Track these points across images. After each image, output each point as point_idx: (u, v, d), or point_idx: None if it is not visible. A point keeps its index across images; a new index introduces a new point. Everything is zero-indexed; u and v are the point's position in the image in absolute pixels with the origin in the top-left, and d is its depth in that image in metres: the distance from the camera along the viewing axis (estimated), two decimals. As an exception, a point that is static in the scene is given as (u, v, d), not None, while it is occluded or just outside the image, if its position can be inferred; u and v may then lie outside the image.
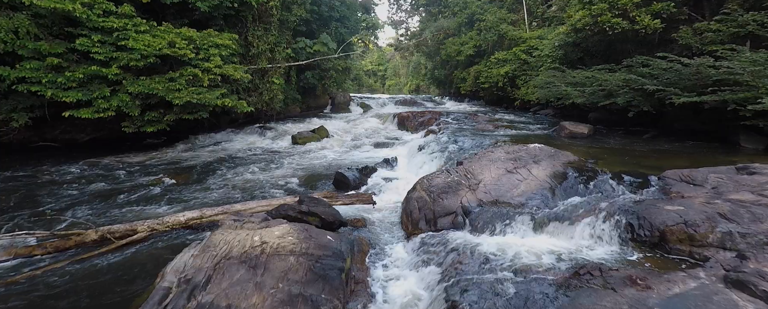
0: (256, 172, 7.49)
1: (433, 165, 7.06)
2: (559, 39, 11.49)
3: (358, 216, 4.91)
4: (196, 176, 6.98)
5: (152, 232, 4.02)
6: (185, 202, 5.51)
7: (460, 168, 5.23)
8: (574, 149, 6.33)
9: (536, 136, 8.48)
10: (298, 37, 14.87)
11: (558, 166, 5.03)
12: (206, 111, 9.14)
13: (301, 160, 8.62)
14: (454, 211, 4.23)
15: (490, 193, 4.52)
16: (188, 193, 5.92)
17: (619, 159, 5.57)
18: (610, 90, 8.10)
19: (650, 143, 7.17)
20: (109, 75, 8.23)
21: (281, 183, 6.58)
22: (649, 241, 3.26)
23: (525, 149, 5.65)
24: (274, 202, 4.58)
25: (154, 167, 7.87)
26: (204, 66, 9.27)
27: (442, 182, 4.78)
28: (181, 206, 5.29)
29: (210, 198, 5.73)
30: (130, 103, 8.43)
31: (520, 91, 15.26)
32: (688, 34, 7.56)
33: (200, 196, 5.82)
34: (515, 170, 4.97)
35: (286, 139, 11.40)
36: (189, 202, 5.51)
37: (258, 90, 13.15)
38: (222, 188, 6.24)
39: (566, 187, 4.48)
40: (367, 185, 6.56)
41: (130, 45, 8.44)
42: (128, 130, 8.68)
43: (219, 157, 8.88)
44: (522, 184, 4.64)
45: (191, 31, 9.61)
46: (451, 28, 23.01)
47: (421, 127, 12.41)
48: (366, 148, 10.09)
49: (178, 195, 5.85)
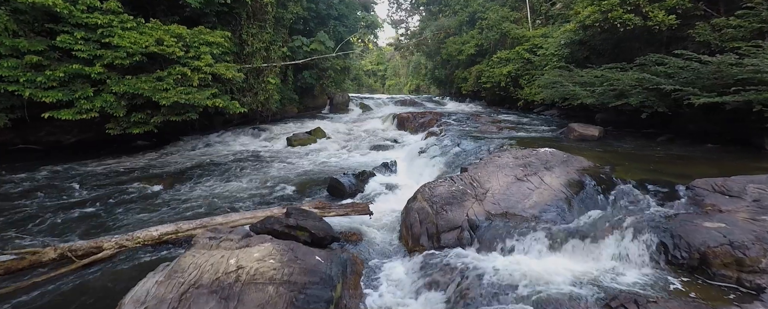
0: (247, 177, 7.05)
1: (434, 170, 6.61)
2: (565, 37, 11.04)
3: (352, 228, 4.47)
4: (181, 181, 6.53)
5: (120, 249, 3.57)
6: (166, 210, 5.06)
7: (464, 175, 4.78)
8: (587, 153, 5.88)
9: (543, 138, 8.03)
10: (295, 36, 14.42)
11: (572, 173, 4.58)
12: (196, 112, 8.69)
13: (295, 164, 8.17)
14: (460, 225, 3.79)
15: (498, 204, 4.08)
16: (170, 201, 5.47)
17: (637, 165, 5.12)
18: (622, 90, 7.65)
19: (666, 147, 6.73)
20: (93, 74, 7.79)
21: (272, 189, 6.14)
22: (687, 264, 2.81)
23: (535, 154, 5.20)
24: (260, 213, 4.13)
25: (138, 171, 7.43)
26: (194, 65, 8.83)
27: (446, 191, 4.33)
28: (161, 216, 4.85)
29: (194, 206, 5.28)
30: (115, 103, 7.99)
31: (524, 91, 14.80)
32: (706, 31, 7.12)
33: (183, 203, 5.37)
34: (525, 178, 4.52)
35: (281, 140, 10.96)
36: (171, 211, 5.06)
37: (253, 90, 12.70)
38: (208, 195, 5.80)
39: (584, 197, 4.04)
40: (364, 192, 6.12)
41: (115, 42, 8.01)
42: (113, 131, 8.23)
43: (209, 161, 8.43)
44: (534, 193, 4.19)
45: (181, 29, 9.17)
46: (451, 27, 22.57)
47: (422, 128, 11.96)
48: (364, 151, 9.65)
49: (158, 203, 5.39)
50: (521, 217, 3.80)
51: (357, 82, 42.36)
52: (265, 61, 12.74)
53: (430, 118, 12.73)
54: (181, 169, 7.58)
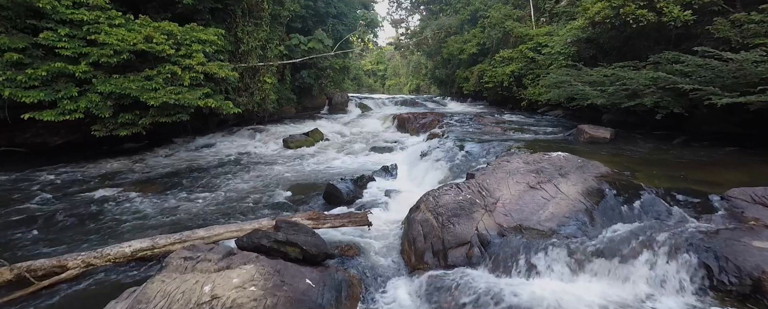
0: (238, 182, 6.65)
1: (437, 174, 6.22)
2: (572, 35, 10.65)
3: (349, 241, 4.07)
4: (167, 187, 6.13)
5: (88, 268, 3.18)
6: (145, 222, 4.66)
7: (472, 182, 4.38)
8: (602, 158, 5.49)
9: (552, 140, 7.63)
10: (292, 34, 14.02)
11: (590, 180, 4.19)
12: (186, 113, 8.28)
13: (290, 168, 7.77)
14: (469, 240, 3.39)
15: (511, 215, 3.68)
16: (152, 210, 5.07)
17: (658, 171, 4.72)
18: (635, 90, 7.26)
19: (683, 150, 6.33)
20: (77, 73, 7.39)
21: (264, 196, 5.74)
22: (738, 291, 2.42)
23: (547, 159, 4.81)
24: (247, 226, 3.73)
25: (122, 176, 7.02)
26: (185, 63, 8.42)
27: (452, 201, 3.94)
28: (139, 228, 4.44)
29: (177, 216, 4.88)
30: (101, 103, 7.58)
31: (528, 91, 14.39)
32: (726, 27, 6.72)
33: (165, 213, 4.97)
34: (539, 186, 4.13)
35: (277, 142, 10.56)
36: (151, 222, 4.66)
37: (248, 90, 12.30)
38: (193, 203, 5.40)
39: (606, 208, 3.64)
40: (363, 199, 5.73)
41: (101, 40, 7.61)
42: (99, 133, 7.82)
43: (200, 164, 8.04)
44: (550, 204, 3.79)
45: (172, 25, 8.76)
46: (453, 25, 22.15)
47: (423, 129, 11.57)
48: (363, 153, 9.25)
49: (138, 213, 4.98)
50: (537, 232, 3.40)
51: (357, 82, 41.98)
52: (261, 59, 12.34)
53: (431, 118, 12.34)
54: (169, 173, 7.18)
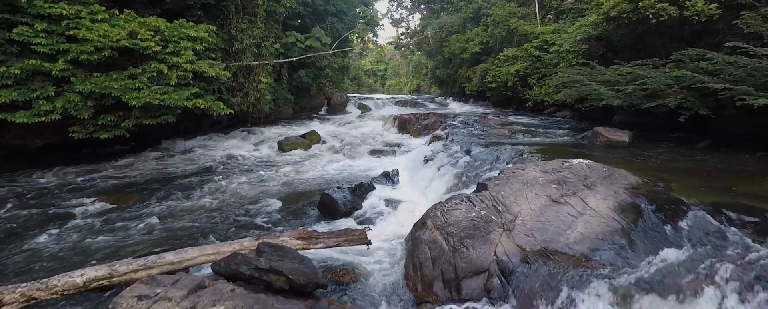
0: (225, 190, 6.12)
1: (443, 182, 5.68)
2: (583, 32, 10.12)
3: (345, 263, 3.55)
4: (146, 197, 5.60)
5: (29, 302, 2.65)
6: (112, 240, 4.13)
7: (485, 194, 3.85)
8: (626, 165, 4.96)
9: (565, 144, 7.10)
10: (289, 32, 13.49)
11: (621, 193, 3.65)
12: (172, 114, 7.75)
13: (284, 173, 7.24)
14: (486, 268, 2.86)
15: (533, 235, 3.15)
16: (125, 225, 4.54)
17: (694, 181, 4.19)
18: (655, 89, 6.73)
19: (712, 155, 5.79)
20: (54, 71, 6.87)
21: (252, 207, 5.21)
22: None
23: (568, 167, 4.27)
24: (225, 247, 3.20)
25: (98, 183, 6.49)
26: (172, 61, 7.89)
27: (464, 217, 3.40)
28: (104, 248, 3.91)
29: (153, 231, 4.35)
30: (80, 104, 7.05)
31: (534, 91, 13.87)
32: (757, 21, 6.20)
33: (136, 229, 4.43)
34: (563, 199, 3.59)
35: (271, 145, 10.03)
36: (119, 240, 4.13)
37: (243, 90, 11.77)
38: (173, 215, 4.87)
39: (646, 229, 3.10)
40: (362, 209, 5.21)
41: (81, 35, 7.09)
42: (77, 136, 7.29)
43: (186, 169, 7.51)
44: (578, 222, 3.26)
45: (159, 21, 8.24)
46: (454, 24, 21.63)
47: (425, 131, 11.05)
48: (362, 157, 8.73)
49: (106, 228, 4.44)
50: (566, 257, 2.87)
51: (356, 82, 41.50)
52: (256, 58, 11.81)
53: (433, 120, 11.82)
54: (150, 180, 6.65)
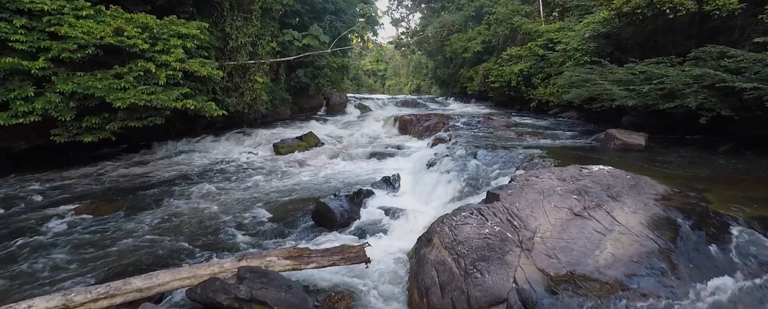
0: (216, 196, 5.72)
1: (448, 189, 5.28)
2: (591, 29, 9.71)
3: (340, 285, 3.15)
4: (127, 206, 5.18)
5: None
6: (86, 256, 3.72)
7: (497, 206, 3.44)
8: (648, 171, 4.57)
9: (577, 148, 6.69)
10: (285, 30, 13.08)
11: (652, 204, 3.25)
12: (161, 116, 7.34)
13: (278, 178, 6.84)
14: (505, 297, 2.45)
15: (557, 256, 2.74)
16: (99, 239, 4.13)
17: (731, 191, 3.78)
18: (672, 89, 6.33)
19: (739, 160, 5.38)
20: (33, 70, 6.47)
21: (241, 217, 4.80)
22: None
23: (588, 175, 3.87)
24: (203, 270, 2.79)
25: (84, 189, 6.09)
26: (161, 60, 7.49)
27: (476, 235, 3.00)
28: (72, 266, 3.50)
29: (129, 246, 3.94)
30: (62, 105, 6.65)
31: (538, 91, 13.47)
32: (784, 16, 5.81)
33: (115, 243, 4.02)
34: (587, 213, 3.19)
35: (267, 147, 9.62)
36: (89, 257, 3.72)
37: (238, 89, 11.37)
38: (153, 228, 4.45)
39: (687, 249, 2.69)
40: (360, 219, 4.80)
41: (63, 32, 6.69)
42: (59, 139, 6.88)
43: (175, 174, 7.10)
44: (607, 240, 2.85)
45: (148, 18, 7.83)
46: (456, 23, 21.21)
47: (427, 132, 10.64)
48: (361, 160, 8.32)
49: (80, 244, 4.02)
50: (599, 284, 2.46)
51: (356, 82, 41.14)
52: (251, 57, 11.40)
53: (435, 120, 11.41)
54: (134, 186, 6.23)
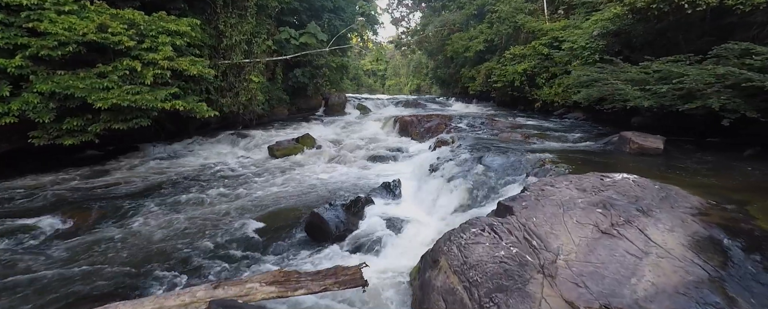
0: (204, 203, 5.31)
1: (453, 198, 4.86)
2: (601, 26, 9.30)
3: (334, 313, 2.74)
4: (104, 215, 4.77)
5: None
6: (47, 275, 3.31)
7: (511, 221, 3.04)
8: (672, 179, 4.16)
9: (590, 151, 6.28)
10: (282, 27, 12.67)
11: (690, 221, 2.84)
12: (147, 117, 6.92)
13: (271, 184, 6.43)
14: (529, 339, 2.04)
15: (586, 285, 2.34)
16: (67, 255, 3.72)
17: (770, 202, 3.38)
18: (692, 89, 5.92)
19: (765, 165, 4.98)
20: (10, 68, 6.07)
21: (227, 229, 4.39)
22: None
23: (612, 185, 3.46)
24: (170, 302, 2.38)
25: (59, 195, 5.68)
26: (148, 58, 7.07)
27: (490, 257, 2.59)
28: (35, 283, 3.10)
29: (101, 263, 3.53)
30: (40, 106, 6.24)
31: (543, 91, 13.07)
32: (815, 10, 5.41)
33: (83, 260, 3.61)
34: (616, 231, 2.78)
35: (261, 149, 9.21)
36: (60, 274, 3.32)
37: (233, 89, 10.97)
38: (129, 241, 4.05)
39: (743, 278, 2.28)
40: (358, 230, 4.39)
41: (42, 28, 6.29)
42: (38, 142, 6.47)
43: (163, 178, 6.69)
44: (644, 265, 2.44)
45: (135, 14, 7.42)
46: (457, 22, 20.79)
47: (429, 134, 10.23)
48: (360, 163, 7.91)
49: (44, 260, 3.61)
50: (640, 323, 2.05)
51: (356, 82, 40.79)
52: (246, 55, 11.00)
53: (437, 122, 11.00)
54: (115, 195, 5.79)
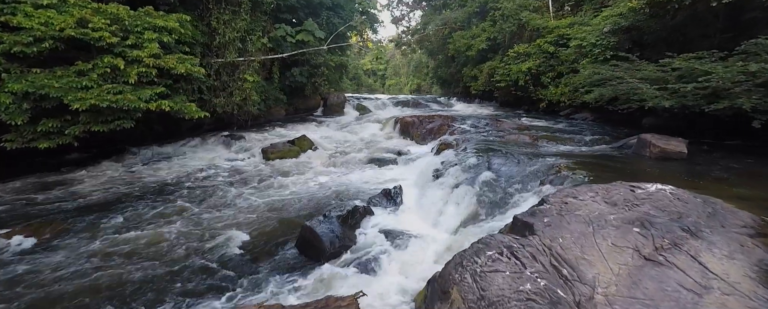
0: (185, 215, 4.85)
1: (460, 209, 4.41)
2: (612, 22, 8.85)
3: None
4: (73, 227, 4.31)
5: None
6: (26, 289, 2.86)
7: (534, 243, 2.58)
8: (708, 189, 3.71)
9: (606, 155, 5.82)
10: (278, 24, 12.20)
11: (750, 244, 2.39)
12: (130, 118, 6.46)
13: (262, 191, 5.97)
14: None
15: (634, 330, 1.88)
16: (39, 271, 3.27)
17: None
18: (717, 88, 5.47)
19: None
20: (-21, 66, 5.63)
21: (212, 245, 3.93)
22: None
23: (646, 197, 3.00)
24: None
25: (34, 202, 5.21)
26: (132, 55, 6.62)
27: (512, 291, 2.14)
28: None
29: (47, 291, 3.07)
30: (13, 106, 5.77)
31: (549, 91, 12.62)
32: None
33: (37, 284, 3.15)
34: (662, 256, 2.33)
35: (256, 152, 8.75)
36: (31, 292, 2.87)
37: (227, 89, 10.53)
38: (96, 261, 3.59)
39: (834, 324, 1.83)
40: (356, 245, 3.94)
41: (16, 23, 5.84)
42: (11, 145, 5.99)
43: (146, 185, 6.23)
44: (707, 304, 1.99)
45: (120, 8, 6.97)
46: (458, 20, 20.32)
47: (431, 136, 9.78)
48: (359, 168, 7.45)
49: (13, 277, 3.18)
50: None
51: (356, 82, 40.33)
52: (240, 54, 10.54)
53: (439, 122, 10.54)
54: (90, 203, 5.32)
